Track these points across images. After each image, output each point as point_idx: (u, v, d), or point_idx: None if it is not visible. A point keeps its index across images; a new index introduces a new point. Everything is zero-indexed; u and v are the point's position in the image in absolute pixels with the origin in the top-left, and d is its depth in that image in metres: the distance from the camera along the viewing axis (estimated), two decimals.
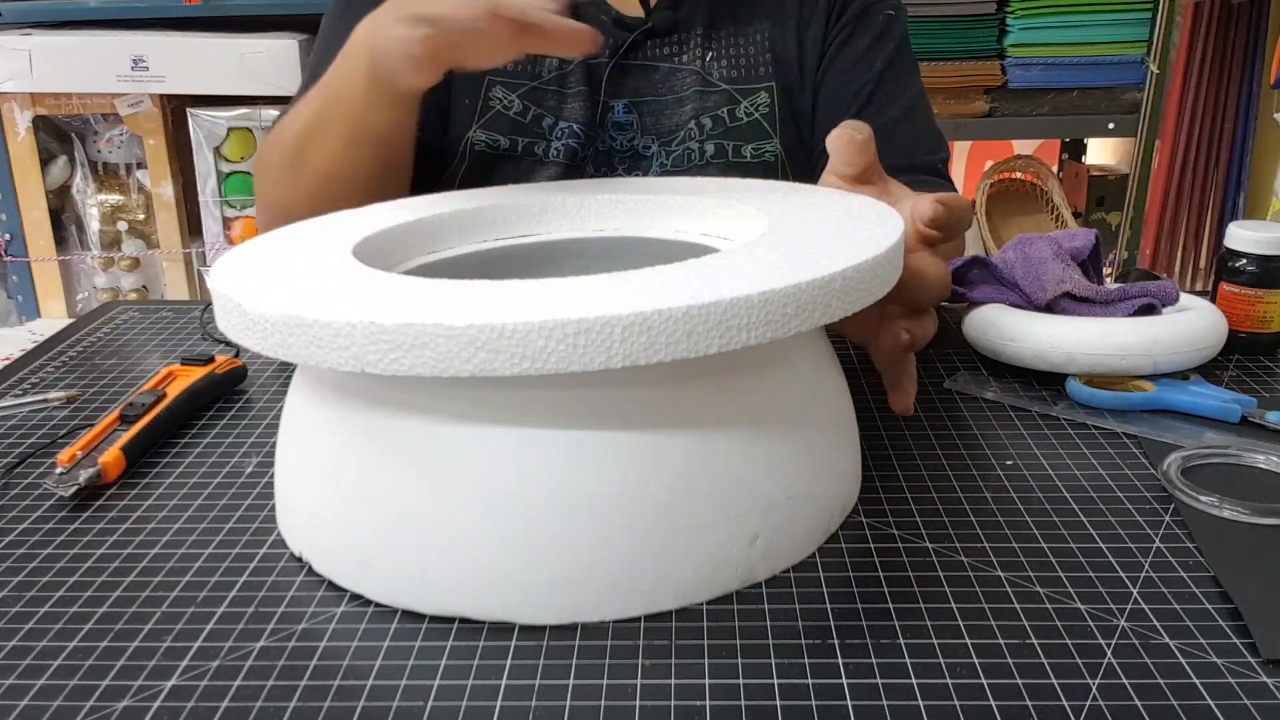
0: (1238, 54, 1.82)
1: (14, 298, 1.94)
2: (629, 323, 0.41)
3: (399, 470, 0.46)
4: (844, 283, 0.45)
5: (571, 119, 0.86)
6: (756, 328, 0.43)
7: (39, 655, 0.45)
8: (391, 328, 0.41)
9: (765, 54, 0.88)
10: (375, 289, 0.46)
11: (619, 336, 0.41)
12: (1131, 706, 0.40)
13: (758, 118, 0.87)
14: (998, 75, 1.78)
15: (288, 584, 0.50)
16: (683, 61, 0.87)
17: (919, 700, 0.41)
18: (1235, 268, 0.73)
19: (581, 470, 0.45)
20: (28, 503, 0.57)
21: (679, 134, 0.87)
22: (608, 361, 0.41)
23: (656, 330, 0.41)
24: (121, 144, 1.90)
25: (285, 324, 0.43)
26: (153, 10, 1.80)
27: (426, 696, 0.42)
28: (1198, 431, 0.62)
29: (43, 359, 0.79)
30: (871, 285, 0.47)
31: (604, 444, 0.45)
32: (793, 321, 0.44)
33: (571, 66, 0.86)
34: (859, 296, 0.46)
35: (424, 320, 0.41)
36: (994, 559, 0.50)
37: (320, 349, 0.42)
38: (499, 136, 0.86)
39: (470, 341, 0.41)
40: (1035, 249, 0.71)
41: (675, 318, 0.41)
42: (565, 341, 0.41)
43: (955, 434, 0.62)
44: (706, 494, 0.46)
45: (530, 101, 0.86)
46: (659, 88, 0.87)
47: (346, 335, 0.42)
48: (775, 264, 0.46)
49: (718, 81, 0.87)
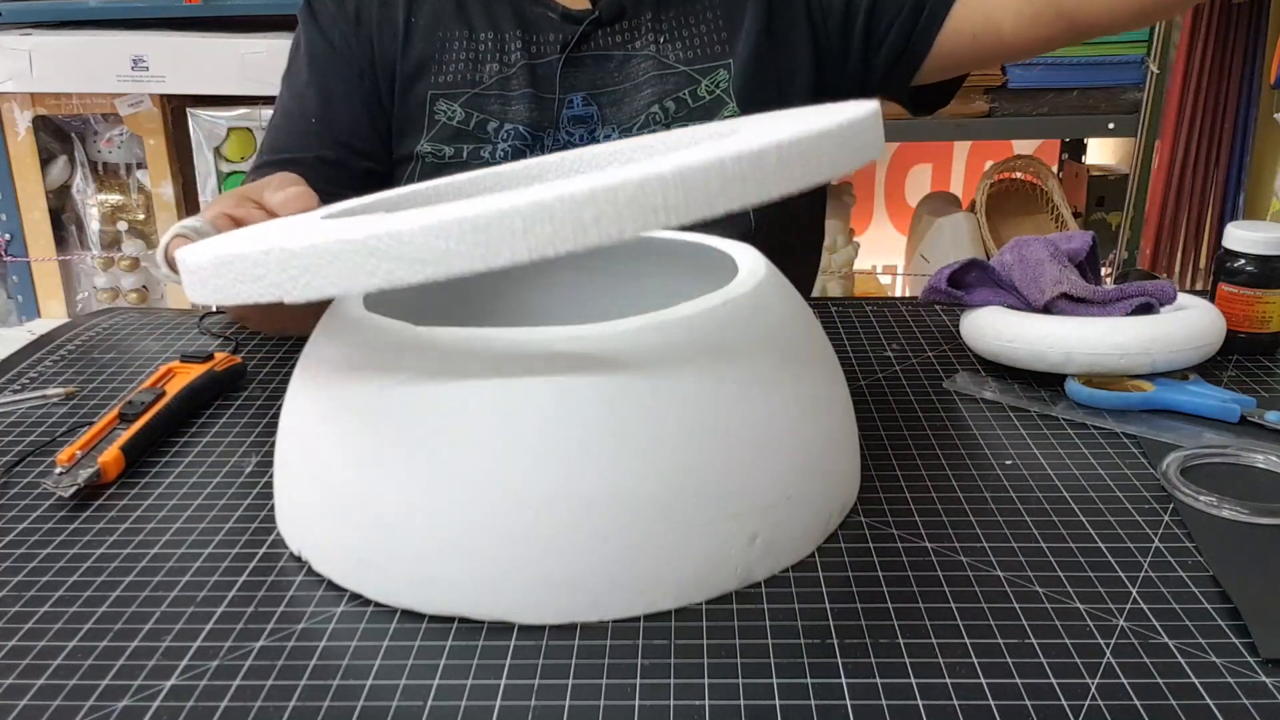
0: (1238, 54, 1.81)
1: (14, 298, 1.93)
2: (529, 213, 0.39)
3: (398, 470, 0.46)
4: (774, 156, 0.41)
5: (517, 120, 0.86)
6: (674, 208, 0.40)
7: (38, 655, 0.45)
8: (299, 250, 0.41)
9: (720, 32, 0.88)
10: (294, 228, 0.47)
11: (520, 228, 0.39)
12: (1130, 706, 0.40)
13: (719, 94, 0.87)
14: (998, 75, 1.78)
15: (287, 583, 0.50)
16: (636, 48, 0.87)
17: (918, 700, 0.41)
18: (1234, 268, 0.73)
19: (581, 470, 0.45)
20: (27, 502, 0.57)
21: (639, 119, 0.87)
22: (513, 256, 0.39)
23: (561, 218, 0.39)
24: (121, 144, 1.90)
25: (213, 264, 0.44)
26: (153, 10, 1.80)
27: (426, 696, 0.42)
28: (1197, 431, 0.62)
29: (41, 353, 0.79)
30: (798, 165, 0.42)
31: (604, 444, 0.45)
32: (718, 200, 0.40)
33: (514, 70, 0.86)
34: (788, 175, 0.42)
35: (327, 239, 0.41)
36: (993, 559, 0.50)
37: (244, 284, 0.43)
38: (444, 146, 0.86)
39: (372, 252, 0.40)
40: (1032, 251, 0.71)
41: (579, 202, 0.39)
42: (466, 239, 0.39)
43: (955, 434, 0.62)
44: (706, 494, 0.46)
45: (472, 109, 0.86)
46: (615, 76, 0.87)
47: (261, 264, 0.42)
48: (703, 150, 0.43)
49: (675, 64, 0.87)
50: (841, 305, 0.85)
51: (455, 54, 0.87)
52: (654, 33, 0.87)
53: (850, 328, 0.80)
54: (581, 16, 0.87)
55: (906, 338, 0.78)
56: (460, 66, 0.86)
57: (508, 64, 0.86)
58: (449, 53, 0.87)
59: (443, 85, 0.87)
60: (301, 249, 0.41)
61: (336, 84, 0.87)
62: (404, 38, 0.87)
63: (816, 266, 1.02)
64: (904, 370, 0.72)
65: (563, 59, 0.86)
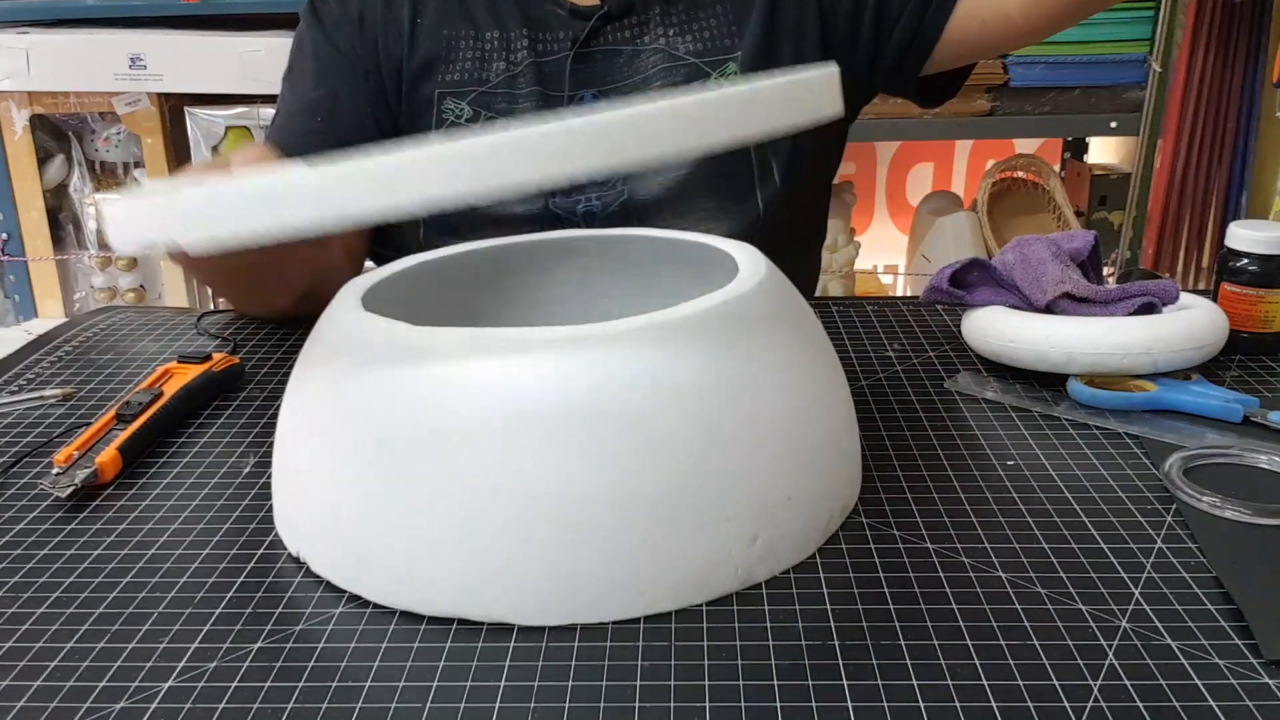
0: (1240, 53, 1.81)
1: (11, 298, 1.93)
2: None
3: (397, 470, 0.46)
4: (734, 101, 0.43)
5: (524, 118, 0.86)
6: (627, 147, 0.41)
7: (35, 656, 0.45)
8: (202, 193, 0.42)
9: (730, 24, 0.88)
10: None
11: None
12: (1133, 708, 0.40)
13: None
14: (999, 73, 1.78)
15: (285, 584, 0.49)
16: (644, 42, 0.87)
17: (919, 701, 0.41)
18: (1237, 267, 0.72)
19: (581, 470, 0.44)
20: (24, 503, 0.57)
21: None
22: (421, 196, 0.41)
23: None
24: (119, 143, 1.90)
25: (126, 208, 0.45)
26: (150, 9, 1.80)
27: (425, 698, 0.42)
28: (1199, 431, 0.62)
29: (38, 354, 0.78)
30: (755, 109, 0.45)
31: (604, 444, 0.45)
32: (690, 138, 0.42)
33: (520, 68, 0.86)
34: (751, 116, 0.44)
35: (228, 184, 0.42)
36: (995, 559, 0.50)
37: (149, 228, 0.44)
38: None
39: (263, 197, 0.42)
40: (1034, 250, 0.71)
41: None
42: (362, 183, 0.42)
43: (956, 434, 0.62)
44: (706, 494, 0.46)
45: (480, 107, 0.86)
46: (625, 71, 0.87)
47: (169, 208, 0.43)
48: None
49: (685, 56, 0.87)
50: (842, 305, 0.85)
51: (462, 53, 0.87)
52: (663, 26, 0.87)
53: (851, 327, 0.80)
54: (590, 12, 0.86)
55: (908, 337, 0.78)
56: (467, 65, 0.86)
57: (514, 62, 0.86)
58: (455, 51, 0.87)
59: (450, 84, 0.86)
60: (202, 192, 0.42)
61: (342, 85, 0.87)
62: (409, 37, 0.87)
63: (819, 266, 1.02)
64: (905, 370, 0.72)
65: (571, 55, 0.86)
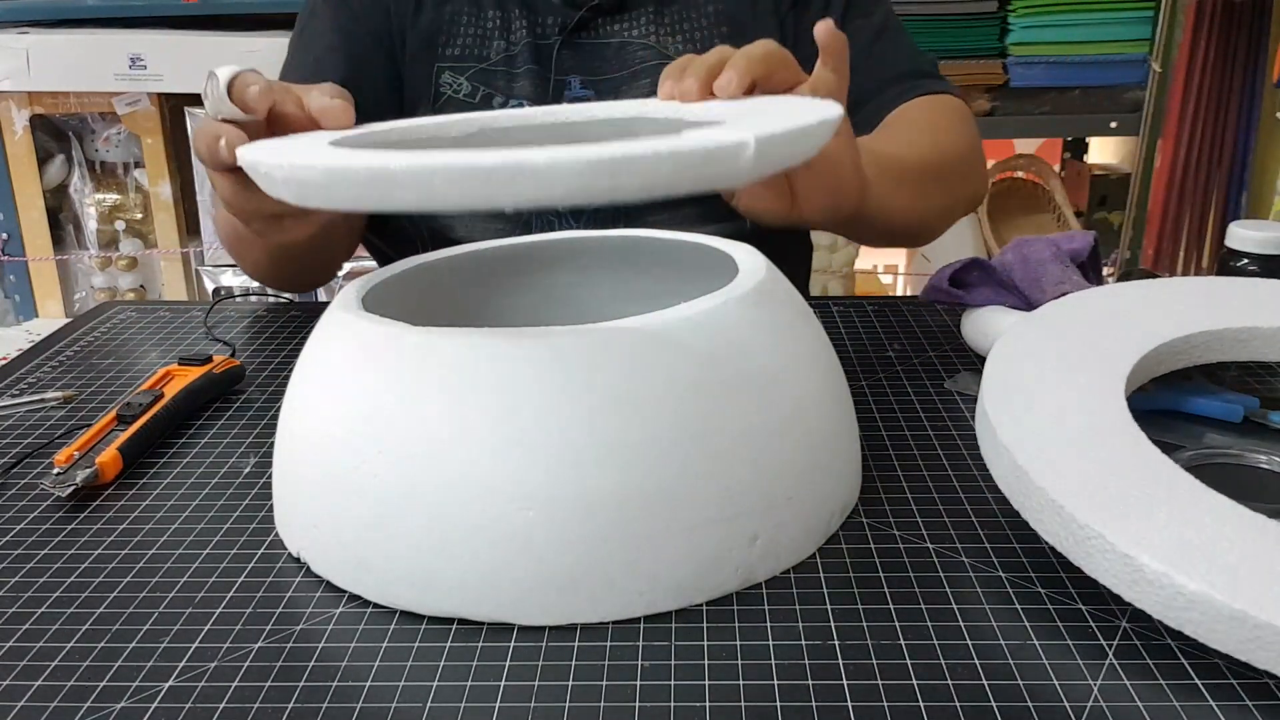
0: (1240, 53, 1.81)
1: (11, 298, 1.93)
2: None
3: (397, 470, 0.46)
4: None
5: (522, 95, 0.86)
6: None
7: (36, 656, 0.45)
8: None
9: (720, 27, 0.88)
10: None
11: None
12: (1134, 707, 0.40)
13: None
14: (999, 74, 1.78)
15: (286, 584, 0.49)
16: (634, 36, 0.87)
17: (919, 701, 0.41)
18: (1237, 267, 0.72)
19: (581, 470, 0.44)
20: (24, 503, 0.57)
21: None
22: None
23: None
24: (119, 143, 1.90)
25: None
26: (151, 9, 1.80)
27: (425, 697, 0.42)
28: (1200, 432, 0.62)
29: (40, 358, 0.78)
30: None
31: (604, 444, 0.45)
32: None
33: (519, 48, 0.86)
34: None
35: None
36: (995, 559, 0.50)
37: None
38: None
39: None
40: (1034, 251, 0.71)
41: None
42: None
43: (955, 434, 0.62)
44: (706, 494, 0.46)
45: (479, 82, 0.86)
46: (612, 63, 0.87)
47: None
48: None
49: (674, 55, 0.87)
50: (842, 305, 0.85)
51: (463, 28, 0.87)
52: (654, 24, 0.88)
53: (851, 327, 0.80)
54: (581, 1, 0.87)
55: (908, 337, 0.78)
56: (468, 41, 0.87)
57: (513, 42, 0.87)
58: (457, 26, 0.87)
59: (450, 59, 0.87)
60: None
61: (360, 49, 0.86)
62: (414, 7, 0.87)
63: (809, 266, 1.02)
64: (905, 370, 0.72)
65: (559, 42, 0.86)
